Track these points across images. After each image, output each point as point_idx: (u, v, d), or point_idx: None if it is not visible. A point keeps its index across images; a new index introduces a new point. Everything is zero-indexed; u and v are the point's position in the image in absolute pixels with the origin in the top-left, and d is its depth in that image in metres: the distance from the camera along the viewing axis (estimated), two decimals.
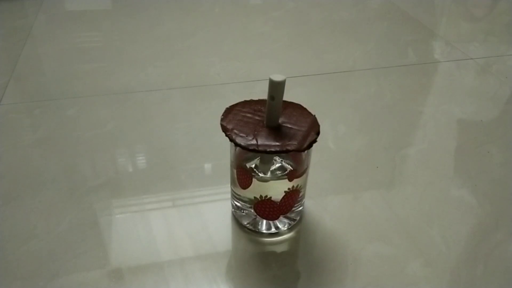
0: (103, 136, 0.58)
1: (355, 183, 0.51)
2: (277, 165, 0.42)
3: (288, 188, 0.40)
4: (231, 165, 0.42)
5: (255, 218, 0.43)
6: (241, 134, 0.37)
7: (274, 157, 0.42)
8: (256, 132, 0.37)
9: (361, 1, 1.03)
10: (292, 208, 0.42)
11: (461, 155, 0.56)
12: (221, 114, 0.39)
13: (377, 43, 0.84)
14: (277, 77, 0.35)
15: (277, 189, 0.40)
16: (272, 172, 0.41)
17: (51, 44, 0.80)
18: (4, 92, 0.66)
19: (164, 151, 0.56)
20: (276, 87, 0.36)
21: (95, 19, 0.91)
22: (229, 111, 0.40)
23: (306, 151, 0.38)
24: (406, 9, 1.00)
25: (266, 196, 0.40)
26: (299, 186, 0.41)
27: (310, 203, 0.48)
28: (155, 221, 0.46)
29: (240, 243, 0.44)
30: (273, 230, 0.44)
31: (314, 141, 0.37)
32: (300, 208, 0.45)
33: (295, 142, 0.36)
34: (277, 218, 0.43)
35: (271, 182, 0.41)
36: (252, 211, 0.42)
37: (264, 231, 0.44)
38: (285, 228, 0.44)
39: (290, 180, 0.40)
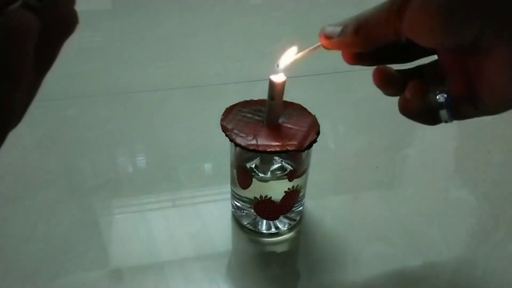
0: (103, 136, 0.58)
1: (355, 183, 0.51)
2: (277, 165, 0.42)
3: (288, 188, 0.40)
4: (231, 165, 0.42)
5: (255, 218, 0.43)
6: (241, 134, 0.37)
7: (274, 157, 0.42)
8: (256, 132, 0.37)
9: (361, 1, 1.03)
10: (292, 208, 0.42)
11: (461, 155, 0.56)
12: (221, 114, 0.39)
13: None
14: (277, 78, 0.35)
15: (277, 189, 0.40)
16: (272, 172, 0.41)
17: None
18: None
19: (164, 151, 0.55)
20: (276, 88, 0.36)
21: (95, 19, 0.91)
22: (229, 111, 0.40)
23: (306, 151, 0.38)
24: None
25: (266, 196, 0.40)
26: (299, 186, 0.41)
27: (310, 203, 0.48)
28: (155, 221, 0.46)
29: (240, 243, 0.44)
30: (273, 230, 0.44)
31: (314, 141, 0.37)
32: (300, 208, 0.45)
33: (295, 142, 0.36)
34: (277, 218, 0.43)
35: (271, 182, 0.41)
36: (252, 211, 0.42)
37: (264, 231, 0.44)
38: (285, 228, 0.44)
39: (290, 180, 0.40)
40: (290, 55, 0.34)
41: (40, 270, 0.40)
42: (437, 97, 0.29)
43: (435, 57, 0.31)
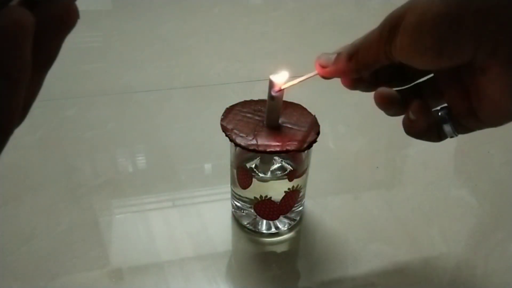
0: (103, 136, 0.58)
1: (355, 183, 0.51)
2: (277, 165, 0.42)
3: (288, 188, 0.40)
4: (231, 165, 0.42)
5: (255, 218, 0.43)
6: (241, 134, 0.37)
7: (274, 157, 0.42)
8: (256, 132, 0.37)
9: (361, 1, 1.03)
10: (292, 208, 0.42)
11: (461, 155, 0.56)
12: (221, 114, 0.39)
13: None
14: (277, 77, 0.35)
15: (277, 189, 0.40)
16: (272, 172, 0.41)
17: None
18: None
19: (164, 151, 0.56)
20: (276, 88, 0.36)
21: (95, 19, 0.91)
22: (229, 111, 0.40)
23: (306, 151, 0.38)
24: None
25: (266, 196, 0.40)
26: (299, 186, 0.41)
27: (310, 203, 0.48)
28: (155, 221, 0.46)
29: (240, 243, 0.44)
30: (273, 230, 0.44)
31: (314, 141, 0.37)
32: (300, 208, 0.45)
33: (295, 142, 0.36)
34: (277, 218, 0.43)
35: (271, 182, 0.41)
36: (252, 211, 0.42)
37: (264, 231, 0.44)
38: (285, 228, 0.44)
39: (290, 180, 0.40)
40: (284, 79, 0.35)
41: (40, 270, 0.40)
42: (439, 113, 0.30)
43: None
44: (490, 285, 0.40)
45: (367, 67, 0.29)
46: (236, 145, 0.36)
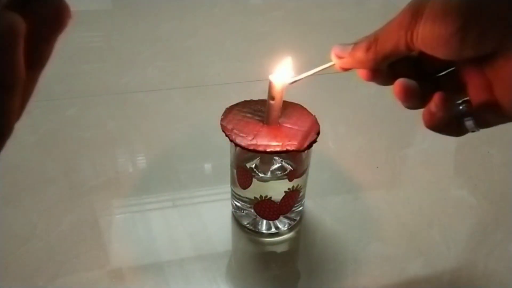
0: (103, 136, 0.58)
1: (355, 183, 0.51)
2: (277, 165, 0.42)
3: (288, 188, 0.40)
4: (231, 165, 0.42)
5: (255, 218, 0.43)
6: (241, 134, 0.37)
7: (274, 157, 0.42)
8: (256, 132, 0.37)
9: (361, 1, 1.03)
10: (292, 208, 0.42)
11: (461, 155, 0.56)
12: (221, 114, 0.39)
13: None
14: (277, 78, 0.35)
15: (277, 189, 0.40)
16: (272, 172, 0.41)
17: None
18: None
19: (164, 151, 0.55)
20: (276, 88, 0.36)
21: (95, 19, 0.91)
22: (229, 111, 0.40)
23: (306, 151, 0.38)
24: None
25: (266, 196, 0.40)
26: (299, 186, 0.41)
27: (310, 203, 0.48)
28: (155, 221, 0.46)
29: (240, 243, 0.44)
30: (273, 230, 0.44)
31: (314, 141, 0.37)
32: (300, 208, 0.45)
33: (295, 142, 0.36)
34: (277, 218, 0.43)
35: (271, 182, 0.41)
36: (252, 211, 0.42)
37: (264, 231, 0.44)
38: (285, 228, 0.44)
39: (290, 180, 0.40)
40: (284, 75, 0.35)
41: (40, 270, 0.40)
42: (460, 107, 0.29)
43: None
44: (490, 285, 0.40)
45: (386, 57, 0.28)
46: (236, 145, 0.36)
